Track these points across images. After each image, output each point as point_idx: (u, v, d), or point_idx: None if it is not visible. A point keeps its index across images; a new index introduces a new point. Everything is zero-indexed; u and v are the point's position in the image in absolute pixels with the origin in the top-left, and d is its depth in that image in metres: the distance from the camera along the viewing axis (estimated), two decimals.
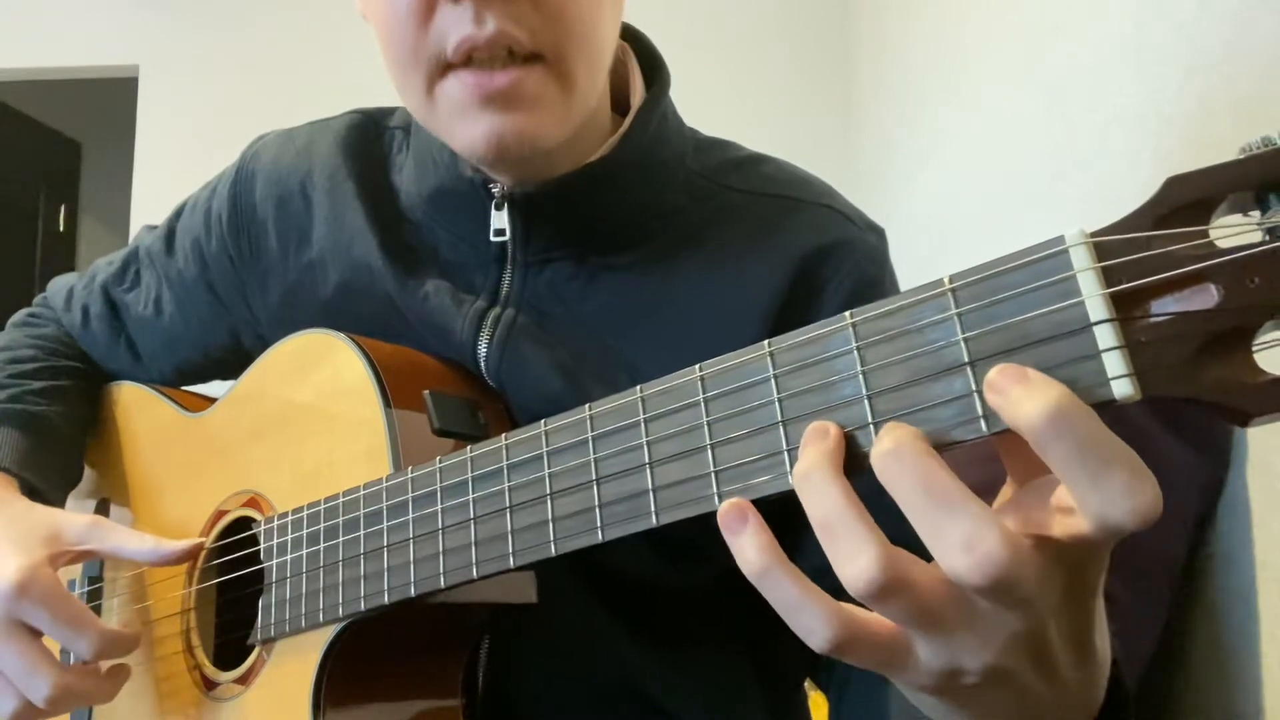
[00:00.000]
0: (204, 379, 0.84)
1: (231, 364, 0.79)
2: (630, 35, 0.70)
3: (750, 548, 0.34)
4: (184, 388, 0.83)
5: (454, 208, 0.66)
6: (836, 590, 0.35)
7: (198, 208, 0.80)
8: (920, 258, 2.13)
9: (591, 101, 0.62)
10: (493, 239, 0.64)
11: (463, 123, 0.57)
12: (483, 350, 0.64)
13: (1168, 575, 0.73)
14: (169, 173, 3.39)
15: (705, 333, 0.62)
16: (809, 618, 0.33)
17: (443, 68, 0.57)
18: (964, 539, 0.30)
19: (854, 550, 0.31)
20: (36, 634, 0.61)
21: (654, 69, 0.69)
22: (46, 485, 0.73)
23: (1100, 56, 1.29)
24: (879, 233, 0.69)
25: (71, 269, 5.11)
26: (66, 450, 0.77)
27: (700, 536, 0.60)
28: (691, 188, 0.67)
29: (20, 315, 0.88)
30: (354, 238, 0.69)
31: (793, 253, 0.63)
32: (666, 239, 0.65)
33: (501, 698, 0.61)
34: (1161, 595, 0.73)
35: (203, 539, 0.67)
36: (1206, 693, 0.74)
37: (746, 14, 3.22)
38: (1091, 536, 0.30)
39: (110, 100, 4.26)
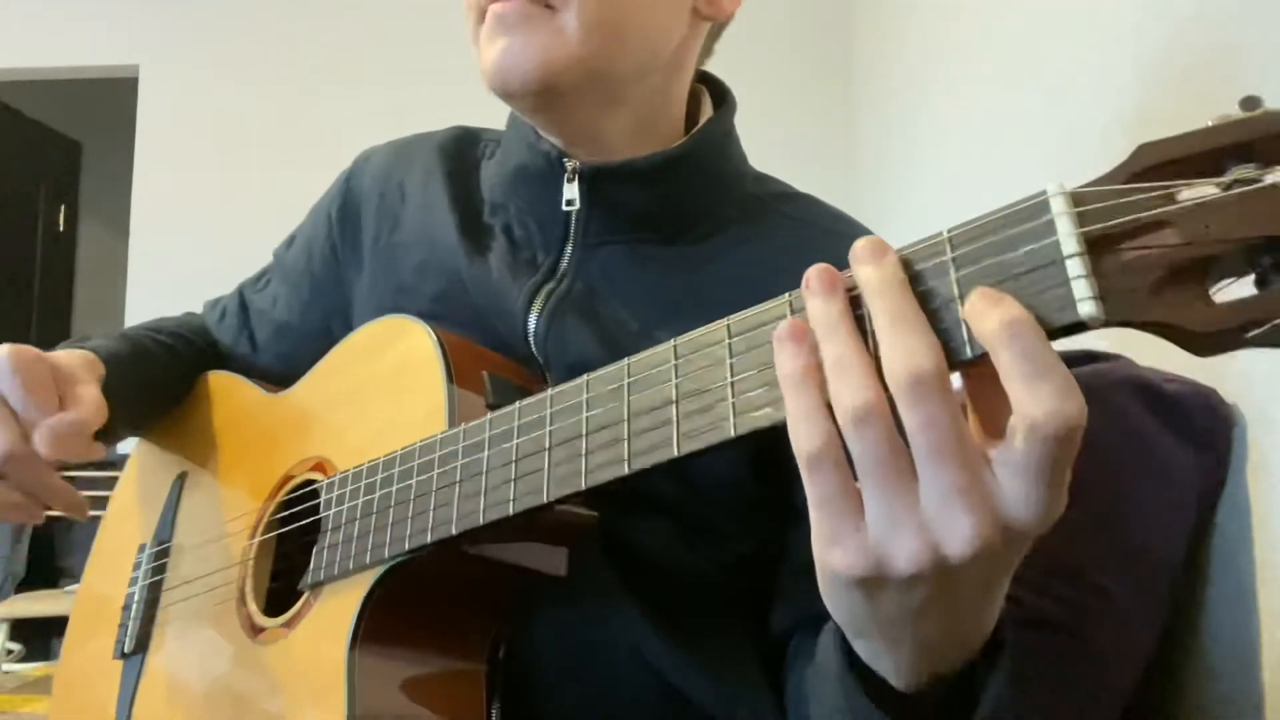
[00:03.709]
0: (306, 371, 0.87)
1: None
2: (705, 79, 0.82)
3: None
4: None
5: (530, 182, 0.74)
6: (811, 594, 0.41)
7: (316, 210, 0.89)
8: None
9: (607, 64, 0.67)
10: (564, 208, 0.71)
11: (484, 50, 0.67)
12: (532, 322, 0.69)
13: (1168, 575, 0.73)
14: (169, 173, 3.40)
15: None
16: (810, 425, 0.38)
17: (483, 11, 0.67)
18: (907, 354, 0.36)
19: (857, 386, 0.37)
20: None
21: (722, 99, 0.80)
22: (118, 392, 0.73)
23: (1100, 56, 1.29)
24: None
25: (71, 269, 5.14)
26: (152, 391, 0.85)
27: (720, 520, 0.66)
28: (746, 206, 0.75)
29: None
30: (439, 222, 0.77)
31: None
32: (715, 243, 0.72)
33: (517, 667, 0.63)
34: (1161, 595, 0.73)
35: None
36: (1207, 692, 0.74)
37: (747, 16, 3.22)
38: (1023, 444, 0.34)
39: (110, 100, 4.26)
